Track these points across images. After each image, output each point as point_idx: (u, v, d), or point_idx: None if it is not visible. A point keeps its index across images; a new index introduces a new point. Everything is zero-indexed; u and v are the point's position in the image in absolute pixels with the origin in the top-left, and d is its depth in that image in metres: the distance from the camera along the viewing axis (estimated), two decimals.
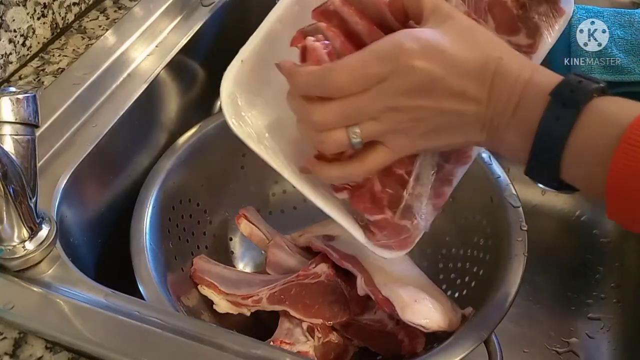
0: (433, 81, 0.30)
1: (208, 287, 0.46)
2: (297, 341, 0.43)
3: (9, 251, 0.37)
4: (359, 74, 0.30)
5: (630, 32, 0.51)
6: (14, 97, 0.35)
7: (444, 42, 0.30)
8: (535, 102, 0.29)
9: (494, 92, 0.30)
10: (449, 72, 0.30)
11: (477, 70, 0.30)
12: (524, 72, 0.30)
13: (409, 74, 0.29)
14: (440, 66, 0.29)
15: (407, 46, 0.29)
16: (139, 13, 0.56)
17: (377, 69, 0.30)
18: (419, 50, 0.29)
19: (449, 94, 0.30)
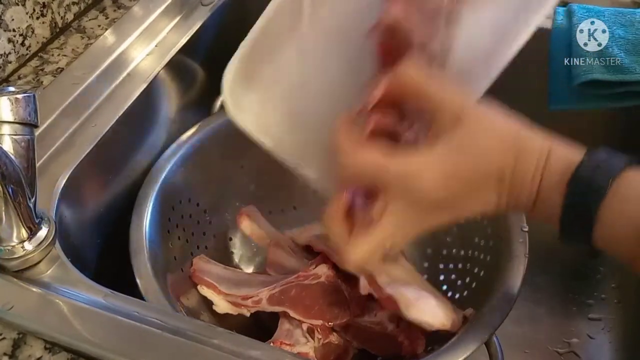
0: (452, 202, 0.31)
1: (208, 287, 0.46)
2: (297, 342, 0.43)
3: (7, 251, 0.37)
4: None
5: (631, 31, 0.51)
6: (13, 96, 0.35)
7: (456, 167, 0.30)
8: (558, 187, 0.30)
9: (512, 193, 0.31)
10: (465, 194, 0.31)
11: (492, 184, 0.31)
12: (540, 163, 0.30)
13: (424, 200, 0.31)
14: (456, 191, 0.30)
15: (416, 185, 0.30)
16: (139, 12, 0.55)
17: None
18: (431, 185, 0.30)
19: (467, 212, 0.32)
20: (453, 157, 0.30)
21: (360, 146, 0.32)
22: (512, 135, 0.31)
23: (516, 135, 0.32)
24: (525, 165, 0.31)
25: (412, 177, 0.30)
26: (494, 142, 0.31)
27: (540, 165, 0.30)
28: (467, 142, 0.31)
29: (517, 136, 0.31)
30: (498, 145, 0.31)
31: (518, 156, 0.31)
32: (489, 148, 0.31)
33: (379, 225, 0.32)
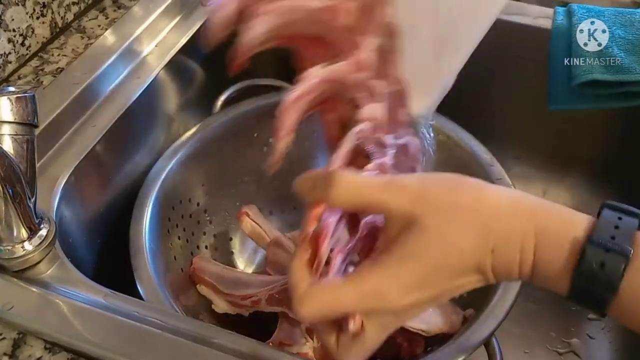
0: (430, 299, 0.28)
1: (207, 286, 0.46)
2: (296, 342, 0.43)
3: (8, 251, 0.37)
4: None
5: (631, 31, 0.51)
6: (13, 96, 0.35)
7: (416, 273, 0.27)
8: (558, 258, 0.26)
9: (496, 277, 0.28)
10: (440, 290, 0.28)
11: (471, 275, 0.28)
12: (526, 247, 0.27)
13: (398, 309, 0.28)
14: (429, 293, 0.27)
15: (387, 296, 0.27)
16: (139, 12, 0.55)
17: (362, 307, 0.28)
18: (395, 298, 0.27)
19: (453, 295, 0.29)
20: (409, 265, 0.27)
21: (310, 289, 0.28)
22: (479, 225, 0.27)
23: (485, 222, 0.27)
24: (505, 255, 0.27)
25: (373, 298, 0.27)
26: (457, 239, 0.27)
27: (527, 250, 0.27)
28: (422, 245, 0.27)
29: (486, 223, 0.27)
30: (462, 242, 0.27)
31: (494, 247, 0.27)
32: (450, 247, 0.27)
33: (363, 337, 0.29)
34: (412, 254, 0.27)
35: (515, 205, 0.28)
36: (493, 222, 0.27)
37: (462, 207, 0.28)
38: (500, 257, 0.27)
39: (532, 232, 0.27)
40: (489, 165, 0.48)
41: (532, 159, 0.63)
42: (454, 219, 0.27)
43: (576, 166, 0.62)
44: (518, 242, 0.27)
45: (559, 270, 0.26)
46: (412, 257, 0.27)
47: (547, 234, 0.27)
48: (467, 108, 0.56)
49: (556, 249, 0.27)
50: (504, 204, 0.28)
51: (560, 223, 0.27)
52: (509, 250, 0.27)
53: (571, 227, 0.27)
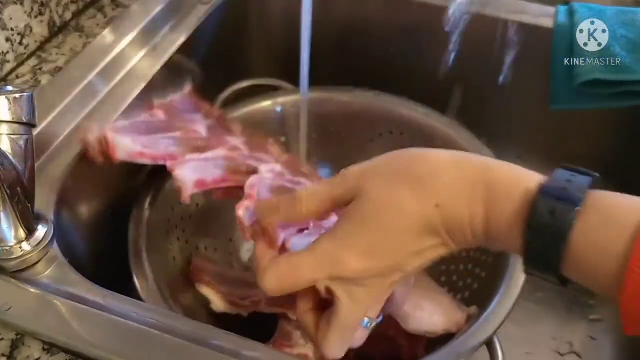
0: (392, 265, 0.28)
1: (207, 286, 0.46)
2: (296, 344, 0.43)
3: (5, 252, 0.36)
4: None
5: (633, 30, 0.50)
6: (11, 96, 0.35)
7: (366, 237, 0.28)
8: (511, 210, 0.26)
9: (450, 236, 0.28)
10: (397, 253, 0.28)
11: (424, 236, 0.27)
12: (474, 198, 0.26)
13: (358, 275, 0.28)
14: (386, 256, 0.28)
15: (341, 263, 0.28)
16: (137, 11, 0.55)
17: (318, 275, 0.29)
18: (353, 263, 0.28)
19: (418, 262, 0.29)
20: (357, 231, 0.28)
21: (270, 262, 0.30)
22: (418, 181, 0.27)
23: (424, 177, 0.27)
24: (453, 210, 0.27)
25: (329, 264, 0.28)
26: (397, 199, 0.27)
27: (476, 203, 0.26)
28: (365, 211, 0.28)
29: (424, 178, 0.27)
30: (403, 201, 0.27)
31: (439, 202, 0.27)
32: (391, 208, 0.27)
33: (336, 312, 0.29)
34: (357, 220, 0.28)
35: (459, 159, 0.28)
36: (433, 176, 0.27)
37: (400, 170, 0.28)
38: (448, 212, 0.27)
39: (480, 185, 0.27)
40: None
41: (534, 158, 0.63)
42: (393, 182, 0.28)
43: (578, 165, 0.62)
44: (464, 196, 0.27)
45: (510, 223, 0.26)
46: (357, 223, 0.28)
47: (497, 186, 0.27)
48: (468, 108, 0.56)
49: (507, 202, 0.26)
50: (445, 159, 0.28)
51: (510, 175, 0.27)
52: (456, 203, 0.27)
53: (522, 179, 0.27)
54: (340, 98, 0.55)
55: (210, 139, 0.45)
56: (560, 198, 0.25)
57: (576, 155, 0.62)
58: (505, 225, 0.26)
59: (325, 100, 0.54)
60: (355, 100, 0.54)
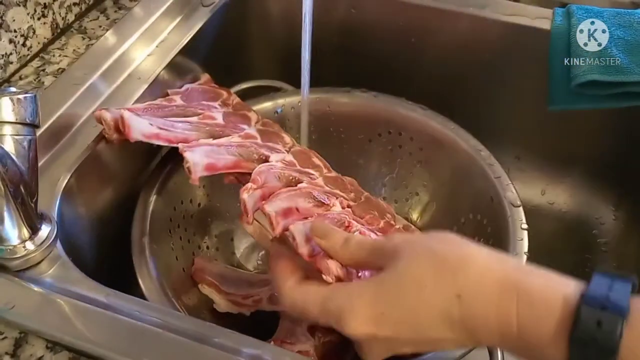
0: (396, 342, 0.28)
1: (209, 286, 0.46)
2: (297, 341, 0.43)
3: (9, 251, 0.37)
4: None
5: (630, 32, 0.51)
6: (14, 97, 0.35)
7: (389, 301, 0.27)
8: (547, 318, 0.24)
9: (473, 333, 0.26)
10: (406, 333, 0.27)
11: (437, 324, 0.26)
12: (504, 301, 0.25)
13: (368, 343, 0.29)
14: (388, 331, 0.28)
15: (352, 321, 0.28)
16: (139, 13, 0.56)
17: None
18: (367, 318, 0.28)
19: (424, 348, 0.29)
20: (370, 295, 0.28)
21: (295, 283, 0.33)
22: (444, 266, 0.27)
23: (451, 264, 0.27)
24: (476, 306, 0.25)
25: (333, 318, 0.29)
26: (416, 274, 0.27)
27: (507, 307, 0.25)
28: (384, 277, 0.28)
29: (452, 265, 0.27)
30: (422, 278, 0.27)
31: (462, 293, 0.26)
32: (408, 280, 0.27)
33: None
34: (377, 286, 0.28)
35: (493, 258, 0.27)
36: (462, 266, 0.26)
37: (433, 250, 0.28)
38: (470, 307, 0.26)
39: (512, 289, 0.25)
40: (489, 165, 0.48)
41: (532, 159, 0.63)
42: (421, 259, 0.27)
43: (576, 166, 0.62)
44: (493, 295, 0.25)
45: (549, 332, 0.24)
46: (376, 289, 0.28)
47: (532, 292, 0.25)
48: (467, 108, 0.56)
49: (545, 310, 0.25)
50: (479, 254, 0.27)
51: (545, 281, 0.26)
52: (482, 301, 0.26)
53: (559, 286, 0.25)
54: (339, 99, 0.55)
55: (226, 126, 0.45)
56: (605, 307, 0.24)
57: (574, 156, 0.62)
58: (544, 335, 0.25)
59: (325, 101, 0.55)
60: (354, 101, 0.55)
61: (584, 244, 0.60)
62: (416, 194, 0.56)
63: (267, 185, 0.40)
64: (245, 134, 0.45)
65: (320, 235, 0.34)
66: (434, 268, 0.27)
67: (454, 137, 0.51)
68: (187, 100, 0.47)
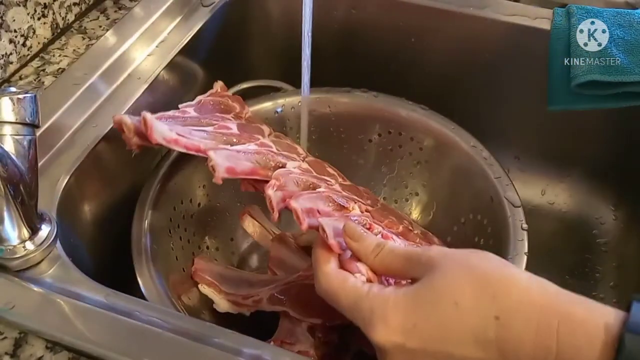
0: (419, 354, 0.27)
1: (209, 286, 0.46)
2: (297, 341, 0.43)
3: (9, 251, 0.37)
4: None
5: (630, 32, 0.51)
6: (14, 97, 0.35)
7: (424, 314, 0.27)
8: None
9: (505, 356, 0.26)
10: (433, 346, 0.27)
11: (468, 343, 0.26)
12: (544, 326, 0.25)
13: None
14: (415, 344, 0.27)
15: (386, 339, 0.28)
16: (140, 13, 0.56)
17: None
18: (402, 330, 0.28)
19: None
20: (408, 306, 0.28)
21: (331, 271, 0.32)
22: (483, 286, 0.26)
23: (492, 284, 0.26)
24: (515, 329, 0.25)
25: (362, 321, 0.29)
26: (453, 291, 0.27)
27: (548, 332, 0.25)
28: (425, 291, 0.28)
29: (492, 286, 0.26)
30: (459, 296, 0.26)
31: (501, 314, 0.25)
32: (443, 297, 0.27)
33: None
34: (411, 298, 0.28)
35: (532, 281, 0.27)
36: (502, 288, 0.26)
37: (473, 267, 0.27)
38: (508, 330, 0.25)
39: (553, 314, 0.25)
40: (489, 165, 0.48)
41: (532, 159, 0.63)
42: (460, 275, 0.27)
43: (576, 166, 0.62)
44: (533, 320, 0.25)
45: (592, 358, 0.24)
46: (410, 300, 0.28)
47: (573, 318, 0.25)
48: (467, 108, 0.56)
49: (586, 337, 0.24)
50: (521, 278, 0.27)
51: (586, 309, 0.26)
52: (521, 325, 0.25)
53: (600, 314, 0.25)
54: (339, 99, 0.55)
55: (241, 135, 0.45)
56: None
57: (574, 156, 0.62)
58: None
59: (325, 101, 0.55)
60: (354, 101, 0.55)
61: (584, 244, 0.60)
62: (416, 194, 0.56)
63: (286, 188, 0.40)
64: (260, 142, 0.46)
65: (351, 236, 0.33)
66: (473, 286, 0.27)
67: (454, 137, 0.51)
68: (200, 113, 0.47)
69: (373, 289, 0.30)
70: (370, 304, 0.29)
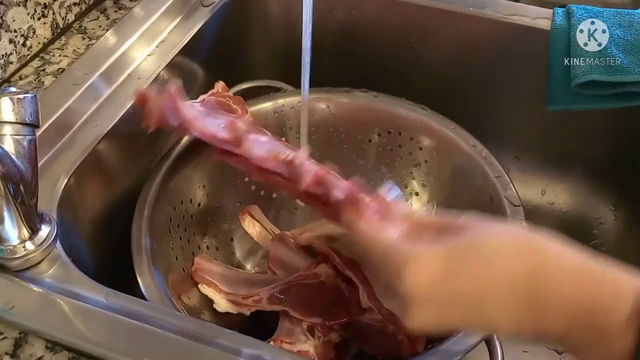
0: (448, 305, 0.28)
1: (209, 286, 0.47)
2: (297, 340, 0.43)
3: (9, 251, 0.37)
4: None
5: (630, 32, 0.51)
6: (14, 97, 0.35)
7: (457, 266, 0.28)
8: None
9: (536, 314, 0.26)
10: (462, 302, 0.27)
11: (503, 295, 0.27)
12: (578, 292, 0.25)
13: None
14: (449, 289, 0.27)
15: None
16: (140, 13, 0.56)
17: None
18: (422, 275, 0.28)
19: (465, 321, 0.29)
20: (452, 257, 0.28)
21: (372, 220, 0.32)
22: (528, 244, 0.27)
23: (536, 244, 0.27)
24: (550, 288, 0.26)
25: (396, 266, 0.29)
26: (504, 249, 0.27)
27: (580, 292, 0.25)
28: (464, 243, 0.28)
29: (536, 246, 0.27)
30: (508, 252, 0.27)
31: (539, 273, 0.26)
32: (495, 254, 0.27)
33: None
34: (449, 245, 0.28)
35: (566, 244, 0.28)
36: (540, 246, 0.27)
37: (509, 227, 0.29)
38: (543, 286, 0.26)
39: (587, 272, 0.26)
40: (489, 165, 0.48)
41: (532, 159, 0.63)
42: (497, 230, 0.28)
43: (576, 166, 0.62)
44: (568, 278, 0.26)
45: (621, 322, 0.25)
46: (447, 248, 0.28)
47: (606, 280, 0.26)
48: (466, 108, 0.56)
49: (618, 298, 0.25)
50: (554, 240, 0.28)
51: (619, 272, 0.26)
52: (555, 282, 0.26)
53: (632, 278, 0.26)
54: (339, 99, 0.55)
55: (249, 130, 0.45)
56: None
57: (574, 156, 0.62)
58: (614, 324, 0.25)
59: (325, 101, 0.55)
60: (354, 101, 0.55)
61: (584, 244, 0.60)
62: (416, 194, 0.56)
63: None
64: (270, 137, 0.45)
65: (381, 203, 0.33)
66: (510, 241, 0.27)
67: (453, 137, 0.51)
68: (208, 108, 0.47)
69: (412, 236, 0.30)
70: (405, 249, 0.29)
